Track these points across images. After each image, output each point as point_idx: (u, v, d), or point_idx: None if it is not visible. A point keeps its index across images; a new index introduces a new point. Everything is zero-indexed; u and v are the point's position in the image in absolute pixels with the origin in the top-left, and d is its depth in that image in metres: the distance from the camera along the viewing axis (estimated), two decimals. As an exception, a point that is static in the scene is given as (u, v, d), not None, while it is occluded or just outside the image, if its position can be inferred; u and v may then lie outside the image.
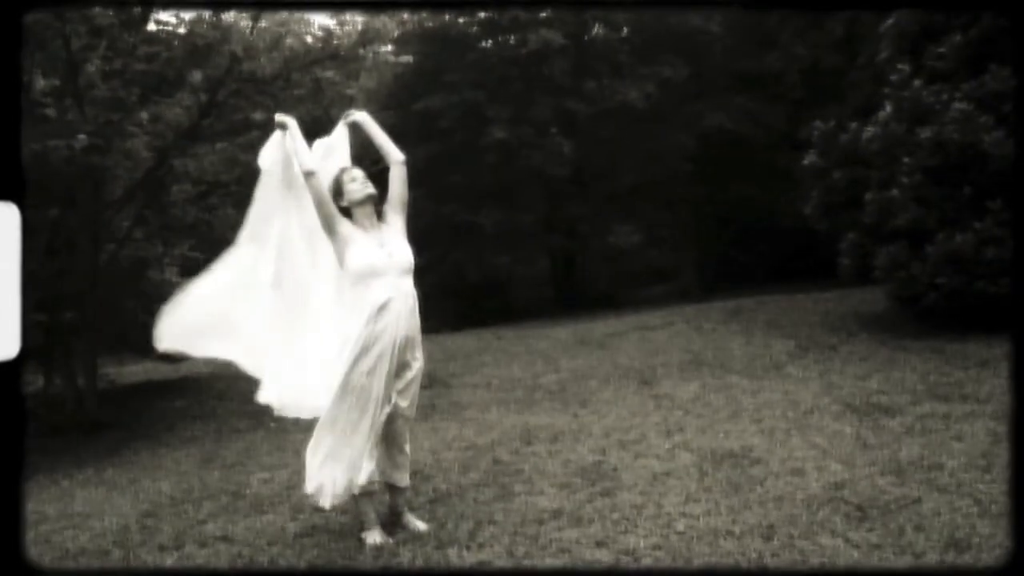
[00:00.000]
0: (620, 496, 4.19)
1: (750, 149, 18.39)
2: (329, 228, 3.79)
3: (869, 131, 8.86)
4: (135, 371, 12.71)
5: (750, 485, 4.19)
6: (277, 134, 3.97)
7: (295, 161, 3.89)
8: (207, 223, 9.91)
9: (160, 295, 9.93)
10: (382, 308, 3.70)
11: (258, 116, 8.54)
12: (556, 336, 11.52)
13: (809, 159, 9.78)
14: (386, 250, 3.77)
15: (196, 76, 8.15)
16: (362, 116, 4.11)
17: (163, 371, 12.21)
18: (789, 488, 4.09)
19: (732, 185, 18.40)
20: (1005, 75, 8.11)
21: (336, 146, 4.10)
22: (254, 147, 9.60)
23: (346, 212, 3.88)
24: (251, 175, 9.42)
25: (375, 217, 3.88)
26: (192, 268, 10.43)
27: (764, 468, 4.47)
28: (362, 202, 3.83)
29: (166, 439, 7.89)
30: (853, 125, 9.33)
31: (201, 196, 9.97)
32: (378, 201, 3.91)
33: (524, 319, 16.23)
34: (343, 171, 3.91)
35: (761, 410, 5.90)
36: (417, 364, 3.90)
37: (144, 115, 8.01)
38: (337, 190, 3.87)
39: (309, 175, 3.78)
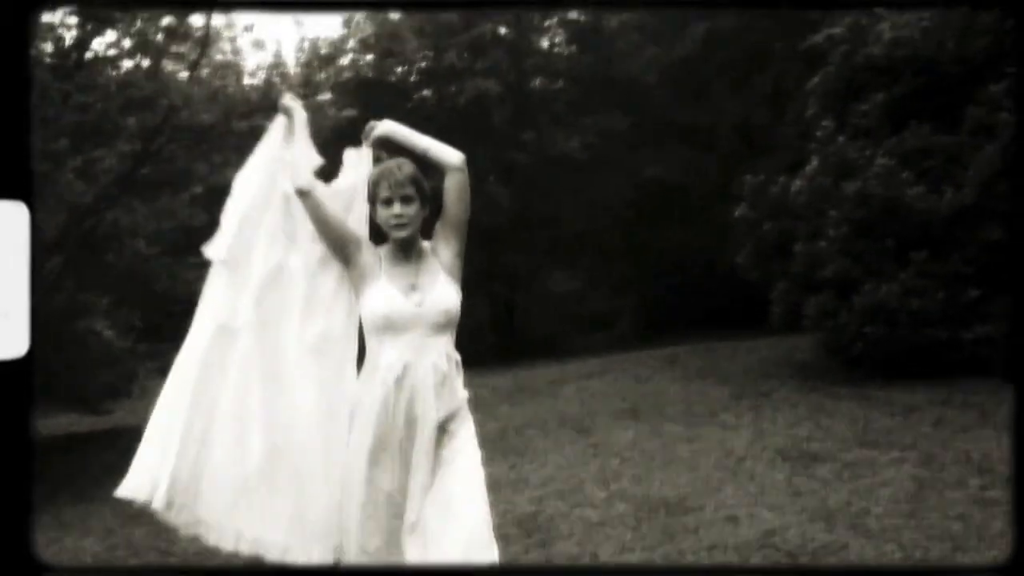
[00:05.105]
0: (557, 547, 4.20)
1: (687, 199, 18.82)
2: (343, 257, 2.76)
3: (797, 184, 9.17)
4: (60, 423, 12.30)
5: (684, 534, 4.25)
6: (279, 122, 2.88)
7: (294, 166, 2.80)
8: (142, 274, 9.74)
9: (88, 346, 9.72)
10: (397, 380, 2.61)
11: (200, 167, 8.45)
12: (495, 384, 11.52)
13: (740, 211, 10.05)
14: (416, 295, 2.70)
15: (130, 122, 8.07)
16: (387, 127, 2.95)
17: (89, 423, 11.84)
18: (722, 536, 4.15)
19: (670, 233, 18.77)
20: (924, 132, 8.50)
21: (363, 163, 2.94)
22: (193, 202, 9.53)
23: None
24: (189, 226, 9.29)
25: (417, 243, 2.82)
26: (124, 321, 10.22)
27: (698, 516, 4.53)
28: (394, 239, 2.78)
29: (91, 494, 7.62)
30: (782, 178, 9.64)
31: (136, 245, 9.81)
32: (418, 235, 2.83)
33: (463, 367, 16.17)
34: (381, 175, 2.76)
35: (696, 458, 5.98)
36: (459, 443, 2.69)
37: (77, 162, 7.88)
38: (372, 198, 2.80)
39: (301, 195, 2.74)
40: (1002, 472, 4.90)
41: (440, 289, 2.73)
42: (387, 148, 2.92)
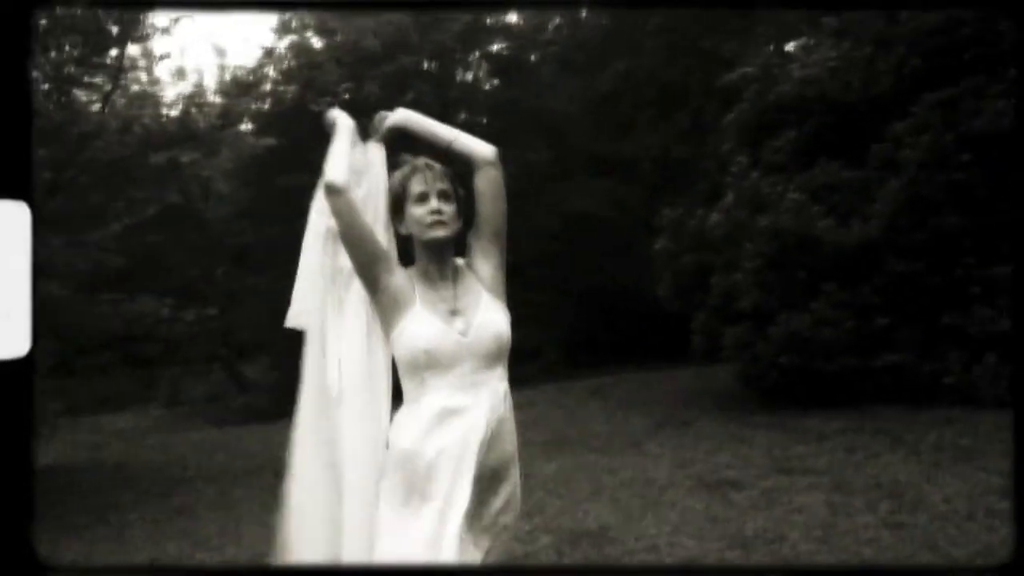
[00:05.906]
0: (479, 582, 4.18)
1: (610, 231, 19.12)
2: (371, 278, 2.29)
3: (714, 217, 9.40)
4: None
5: (606, 564, 4.28)
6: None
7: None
8: (53, 311, 9.39)
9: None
10: (446, 427, 2.18)
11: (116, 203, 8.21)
12: (420, 417, 11.45)
13: (660, 243, 10.26)
14: (459, 322, 2.26)
15: (39, 153, 7.83)
16: (402, 115, 2.53)
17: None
18: (643, 566, 4.19)
19: (595, 265, 19.01)
20: (833, 168, 8.83)
21: (374, 163, 2.48)
22: (108, 237, 9.19)
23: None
24: (102, 261, 8.99)
25: (451, 260, 2.37)
26: (35, 359, 9.78)
27: (620, 546, 4.57)
28: (430, 241, 2.32)
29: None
30: (700, 211, 9.87)
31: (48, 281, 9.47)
32: (458, 239, 2.39)
33: (392, 402, 16.01)
34: (413, 171, 2.34)
35: (619, 488, 6.04)
36: (509, 489, 2.26)
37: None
38: (397, 205, 2.37)
39: (331, 191, 2.30)
40: (910, 497, 5.08)
41: (485, 312, 2.29)
42: (400, 142, 2.47)
